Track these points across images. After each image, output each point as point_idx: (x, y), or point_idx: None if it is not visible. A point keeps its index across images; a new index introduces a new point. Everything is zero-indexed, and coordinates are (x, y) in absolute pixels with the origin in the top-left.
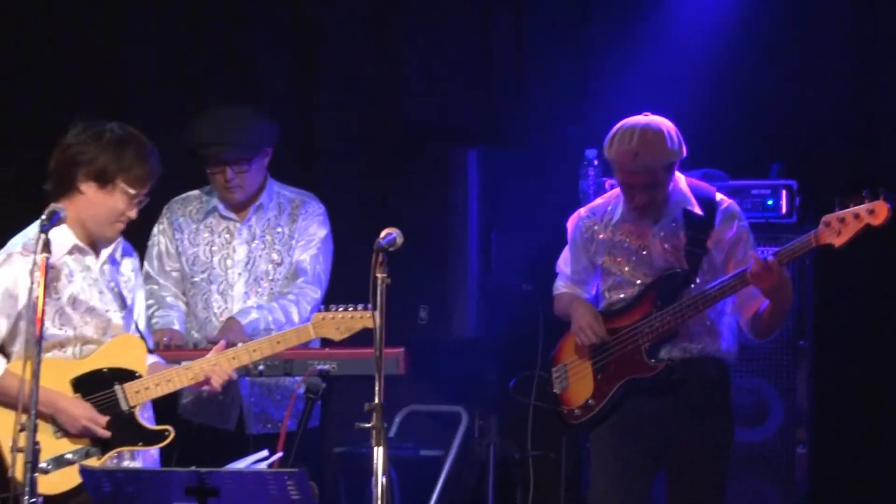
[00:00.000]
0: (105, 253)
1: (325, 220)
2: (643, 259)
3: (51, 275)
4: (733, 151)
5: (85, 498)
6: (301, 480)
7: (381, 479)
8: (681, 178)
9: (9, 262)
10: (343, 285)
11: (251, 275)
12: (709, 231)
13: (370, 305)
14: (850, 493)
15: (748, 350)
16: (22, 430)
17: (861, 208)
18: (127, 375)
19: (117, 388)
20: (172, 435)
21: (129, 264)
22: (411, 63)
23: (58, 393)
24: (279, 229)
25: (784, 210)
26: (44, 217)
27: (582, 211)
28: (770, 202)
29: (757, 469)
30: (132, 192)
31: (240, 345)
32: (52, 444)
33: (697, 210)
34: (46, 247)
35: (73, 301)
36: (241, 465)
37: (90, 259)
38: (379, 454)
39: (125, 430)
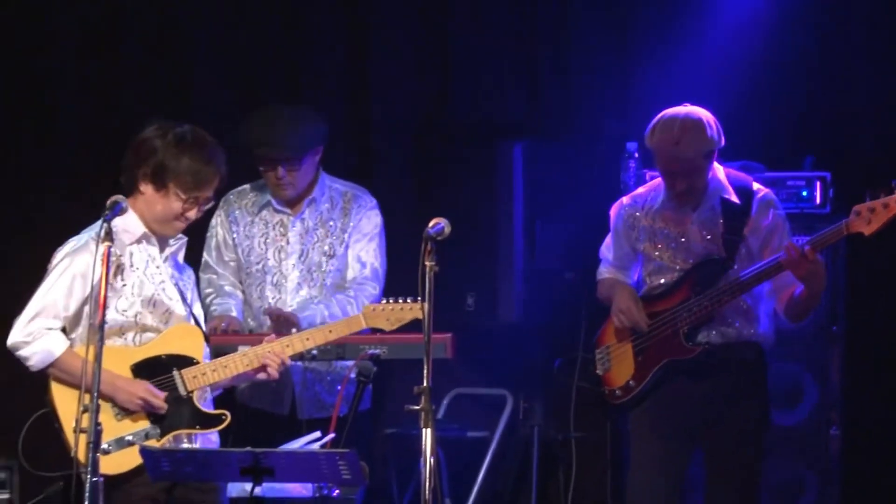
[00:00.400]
0: (168, 250)
1: (378, 213)
2: (682, 246)
3: (116, 264)
4: (770, 144)
5: (144, 479)
6: (352, 460)
7: (429, 460)
8: (719, 168)
9: (84, 248)
10: (395, 274)
11: (304, 266)
12: (746, 219)
13: (419, 297)
14: (883, 474)
15: (783, 336)
16: (85, 411)
17: (891, 198)
18: (185, 362)
19: (175, 373)
20: (228, 419)
21: (186, 270)
22: (459, 61)
23: (116, 374)
24: (331, 222)
25: (818, 201)
26: (106, 207)
27: (624, 199)
28: (805, 193)
29: (791, 450)
30: (184, 196)
31: (294, 331)
32: (112, 426)
33: (735, 199)
34: (108, 236)
35: (137, 290)
36: (295, 445)
37: (155, 251)
38: (427, 435)
39: (183, 414)
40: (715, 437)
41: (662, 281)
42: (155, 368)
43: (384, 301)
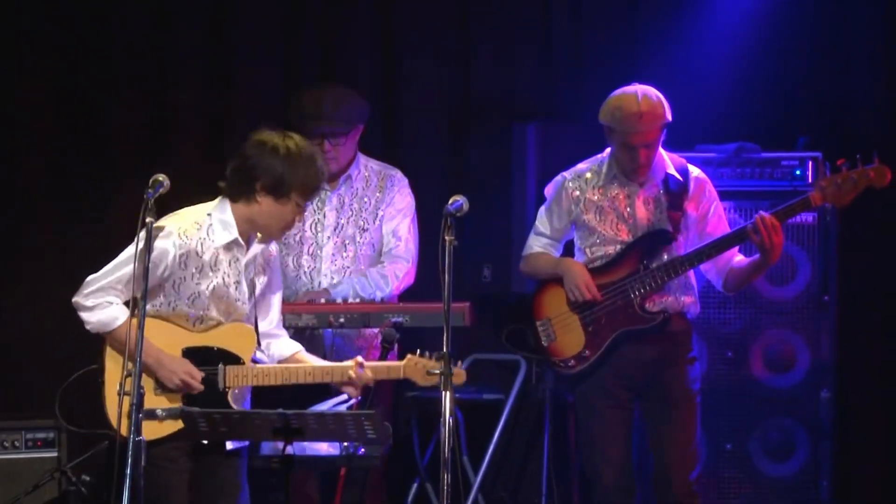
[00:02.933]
0: (254, 250)
1: (410, 192)
2: (627, 219)
3: (196, 263)
4: (765, 126)
5: (165, 449)
6: (377, 421)
7: (448, 420)
8: (660, 148)
9: (167, 236)
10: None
11: (339, 238)
12: (685, 195)
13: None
14: (870, 432)
15: (779, 305)
16: (128, 375)
17: (856, 172)
18: (232, 359)
19: (221, 367)
20: None
21: (269, 261)
22: (480, 50)
23: (163, 350)
24: (366, 199)
25: (810, 180)
26: (149, 185)
27: (566, 174)
28: (798, 172)
29: (786, 410)
30: (303, 203)
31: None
32: (149, 398)
33: (677, 175)
34: (151, 212)
35: (212, 291)
36: (323, 407)
37: (241, 253)
38: (446, 398)
39: (212, 405)
40: (654, 400)
41: (603, 252)
42: (204, 357)
43: (426, 356)
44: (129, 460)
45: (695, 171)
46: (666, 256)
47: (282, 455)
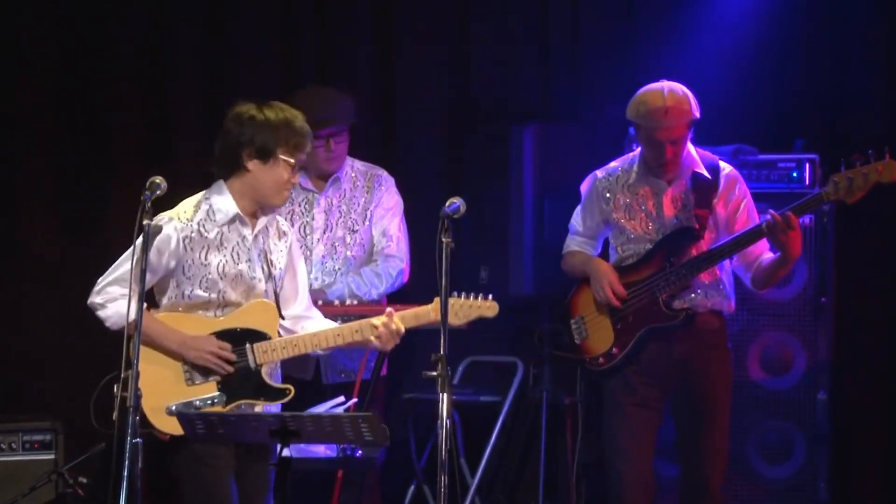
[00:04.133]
0: (260, 223)
1: (396, 191)
2: (656, 217)
3: (201, 244)
4: (762, 128)
5: (205, 448)
6: (374, 423)
7: (445, 422)
8: (689, 146)
9: (167, 223)
10: (414, 249)
11: (328, 241)
12: (714, 192)
13: (490, 295)
14: (867, 434)
15: (775, 306)
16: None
17: (869, 168)
18: (258, 336)
19: (248, 346)
20: (293, 393)
21: (281, 237)
22: (478, 52)
23: (186, 334)
24: (354, 200)
25: (807, 181)
26: (146, 188)
27: (599, 173)
28: (795, 174)
29: (783, 412)
30: (292, 160)
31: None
32: (182, 390)
33: (706, 173)
34: (148, 214)
35: (221, 270)
36: (320, 409)
37: (247, 230)
38: (443, 400)
39: (249, 385)
40: (685, 399)
41: (634, 251)
42: (230, 339)
43: (455, 295)
44: (126, 461)
45: (726, 168)
46: (693, 254)
47: (279, 457)
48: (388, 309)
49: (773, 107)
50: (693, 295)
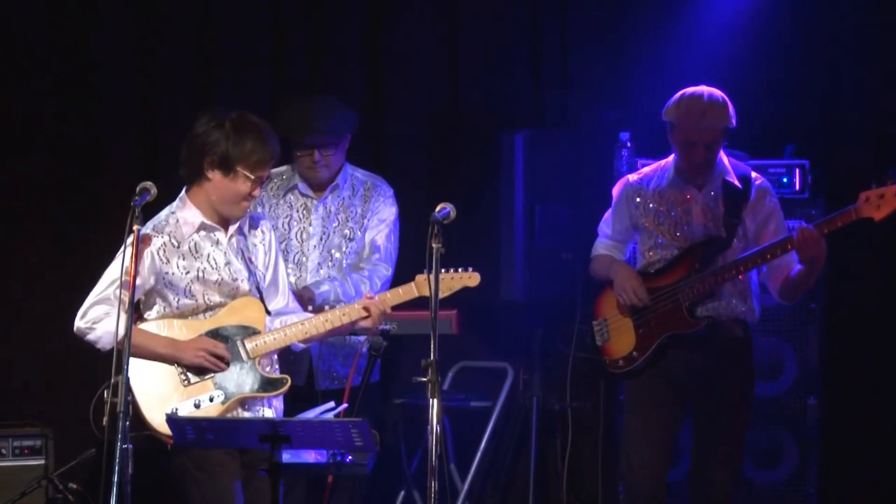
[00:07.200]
0: (233, 227)
1: (394, 202)
2: (684, 224)
3: (177, 255)
4: (753, 134)
5: (212, 455)
6: (364, 429)
7: (435, 427)
8: (722, 154)
9: (142, 240)
10: (404, 254)
11: (325, 248)
12: (745, 203)
13: (470, 267)
14: (857, 439)
15: (765, 312)
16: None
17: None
18: (248, 331)
19: (238, 342)
20: (289, 382)
21: (258, 235)
22: (468, 58)
23: (176, 339)
24: (352, 208)
25: (797, 187)
26: (136, 193)
27: (631, 177)
28: (785, 180)
29: (773, 417)
30: (252, 176)
31: (329, 308)
32: (180, 392)
33: (737, 183)
34: (138, 220)
35: (202, 276)
36: (311, 415)
37: (220, 234)
38: (434, 405)
39: (246, 380)
40: (705, 407)
41: (661, 257)
42: (220, 338)
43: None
44: (116, 467)
45: (758, 179)
46: (720, 262)
47: (269, 462)
48: (368, 293)
49: (764, 112)
50: (717, 303)
